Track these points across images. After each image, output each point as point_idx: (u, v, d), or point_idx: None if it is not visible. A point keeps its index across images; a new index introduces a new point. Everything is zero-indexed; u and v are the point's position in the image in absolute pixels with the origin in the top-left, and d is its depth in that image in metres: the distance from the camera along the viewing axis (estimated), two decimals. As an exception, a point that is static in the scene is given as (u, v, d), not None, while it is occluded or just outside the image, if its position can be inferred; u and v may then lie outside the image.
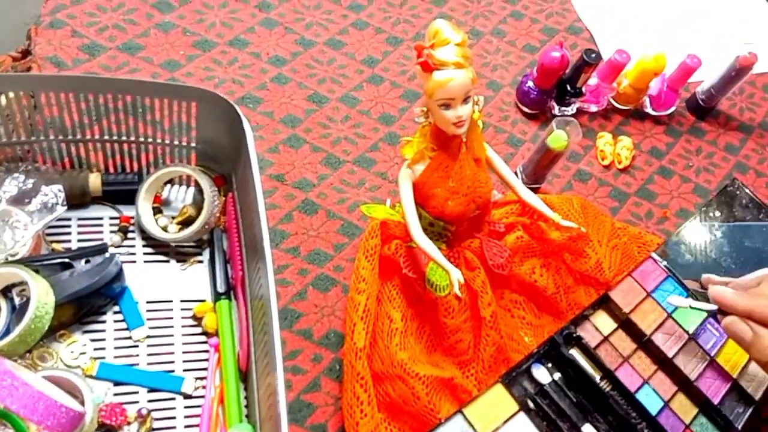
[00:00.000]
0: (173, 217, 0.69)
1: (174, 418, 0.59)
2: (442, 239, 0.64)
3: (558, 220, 0.65)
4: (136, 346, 0.62)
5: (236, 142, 0.64)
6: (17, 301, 0.60)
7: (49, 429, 0.52)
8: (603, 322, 0.69)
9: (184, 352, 0.62)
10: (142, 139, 0.66)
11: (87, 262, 0.62)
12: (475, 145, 0.61)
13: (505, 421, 0.59)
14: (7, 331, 0.58)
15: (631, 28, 1.04)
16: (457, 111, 0.55)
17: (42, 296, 0.56)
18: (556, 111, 0.88)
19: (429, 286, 0.62)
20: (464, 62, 0.53)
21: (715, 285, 0.56)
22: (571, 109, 0.89)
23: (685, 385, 0.66)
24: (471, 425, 0.57)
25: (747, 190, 0.76)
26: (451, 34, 0.53)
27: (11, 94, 0.60)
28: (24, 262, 0.59)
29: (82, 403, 0.55)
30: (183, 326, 0.64)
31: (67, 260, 0.61)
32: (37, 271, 0.59)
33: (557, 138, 0.72)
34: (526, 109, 0.89)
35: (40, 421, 0.51)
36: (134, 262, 0.66)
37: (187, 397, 0.60)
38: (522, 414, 0.60)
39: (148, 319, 0.63)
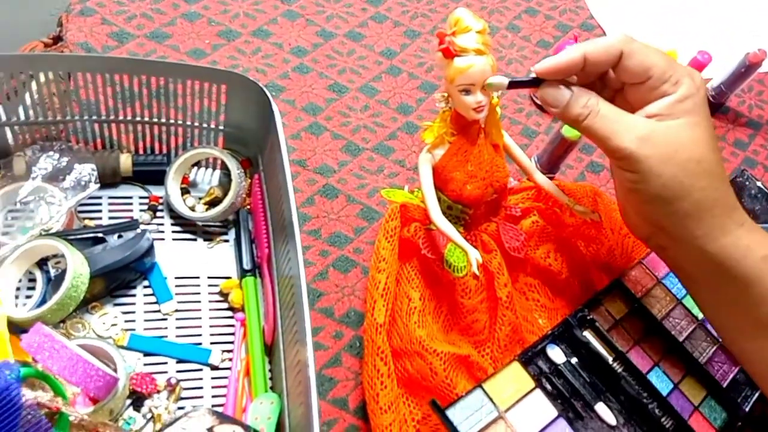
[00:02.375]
0: (200, 198, 0.71)
1: (201, 388, 0.61)
2: (460, 222, 0.66)
3: (572, 205, 0.67)
4: (165, 319, 0.64)
5: (264, 125, 0.66)
6: (52, 272, 0.62)
7: (85, 391, 0.54)
8: (615, 306, 0.71)
9: (211, 326, 0.65)
10: (172, 122, 0.69)
11: (119, 237, 0.64)
12: (493, 130, 0.63)
13: (523, 397, 0.61)
14: (43, 301, 0.60)
15: (643, 24, 1.06)
16: (477, 96, 0.57)
17: (78, 267, 0.59)
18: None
19: (447, 267, 0.64)
20: (485, 49, 0.56)
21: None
22: (584, 103, 0.91)
23: (693, 368, 0.68)
24: (490, 399, 0.59)
25: (756, 181, 0.78)
26: (472, 21, 0.55)
27: (50, 75, 0.62)
28: (59, 235, 0.62)
29: (115, 371, 0.57)
30: (210, 301, 0.66)
31: (100, 235, 0.64)
32: (71, 244, 0.61)
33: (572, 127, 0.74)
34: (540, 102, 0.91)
35: (78, 383, 0.53)
36: (163, 239, 0.68)
37: (214, 368, 0.62)
38: (538, 391, 0.62)
39: (177, 294, 0.65)
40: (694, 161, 0.51)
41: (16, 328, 0.57)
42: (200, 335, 0.64)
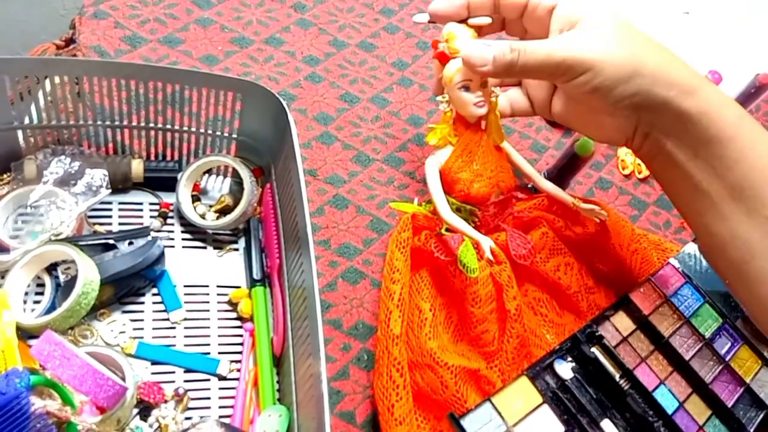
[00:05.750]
0: (211, 206, 0.71)
1: (209, 398, 0.61)
2: (469, 225, 0.67)
3: (578, 204, 0.69)
4: (174, 328, 0.63)
5: (278, 134, 0.66)
6: (62, 278, 0.62)
7: (95, 401, 0.54)
8: (622, 322, 0.71)
9: (219, 336, 0.64)
10: (185, 129, 0.68)
11: (130, 244, 0.64)
12: (494, 132, 0.67)
13: (530, 412, 0.61)
14: (52, 307, 0.60)
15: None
16: (476, 92, 0.62)
17: (89, 274, 0.58)
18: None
19: (461, 267, 0.64)
20: None
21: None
22: (594, 119, 0.91)
23: (699, 387, 0.68)
24: (499, 413, 0.59)
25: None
26: (462, 30, 0.62)
27: (64, 78, 0.62)
28: (70, 241, 0.61)
29: (123, 380, 0.57)
30: (219, 311, 0.66)
31: (110, 241, 0.63)
32: (82, 250, 0.61)
33: (584, 144, 0.75)
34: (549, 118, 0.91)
35: (88, 392, 0.52)
36: (173, 247, 0.68)
37: (221, 378, 0.62)
38: (546, 406, 0.62)
39: (186, 303, 0.65)
40: (629, 32, 0.55)
41: (24, 334, 0.57)
42: (208, 345, 0.63)
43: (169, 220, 0.69)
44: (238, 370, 0.62)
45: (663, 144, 0.58)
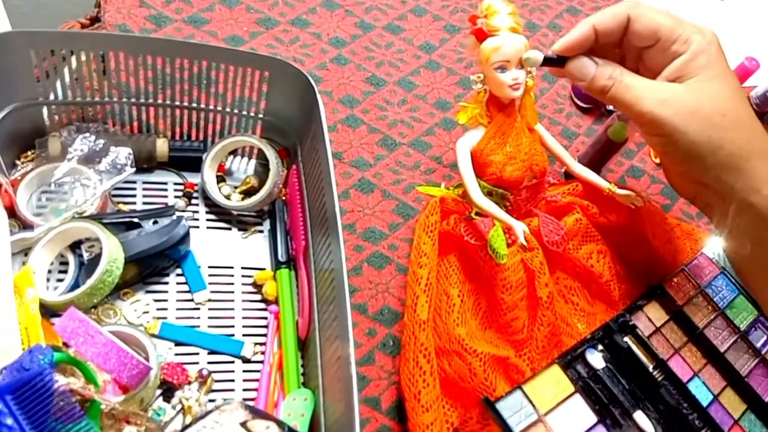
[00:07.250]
0: (236, 187, 0.70)
1: (233, 380, 0.60)
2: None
3: (614, 189, 0.67)
4: (198, 309, 0.62)
5: (305, 114, 0.65)
6: (86, 256, 0.61)
7: (118, 380, 0.53)
8: (656, 313, 0.69)
9: (243, 318, 0.63)
10: (210, 108, 0.67)
11: (155, 223, 0.63)
12: (528, 112, 0.65)
13: (563, 401, 0.59)
14: (76, 285, 0.59)
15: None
16: (512, 73, 0.60)
17: (113, 251, 0.58)
18: (610, 107, 0.89)
19: (491, 252, 0.62)
20: (517, 27, 0.59)
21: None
22: (625, 106, 0.89)
23: (734, 380, 0.66)
24: (530, 401, 0.57)
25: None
26: (502, 5, 0.59)
27: (91, 55, 0.61)
28: (94, 219, 0.60)
29: (147, 360, 0.56)
30: (243, 292, 0.64)
31: (135, 220, 0.62)
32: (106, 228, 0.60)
33: (619, 129, 0.73)
34: (580, 103, 0.89)
35: (112, 370, 0.52)
36: (197, 227, 0.67)
37: (246, 361, 0.61)
38: (578, 396, 0.60)
39: (210, 284, 0.64)
40: (718, 114, 0.51)
41: (47, 312, 0.56)
42: (233, 326, 0.62)
43: (193, 201, 0.68)
44: (263, 353, 0.61)
45: (727, 224, 0.57)
